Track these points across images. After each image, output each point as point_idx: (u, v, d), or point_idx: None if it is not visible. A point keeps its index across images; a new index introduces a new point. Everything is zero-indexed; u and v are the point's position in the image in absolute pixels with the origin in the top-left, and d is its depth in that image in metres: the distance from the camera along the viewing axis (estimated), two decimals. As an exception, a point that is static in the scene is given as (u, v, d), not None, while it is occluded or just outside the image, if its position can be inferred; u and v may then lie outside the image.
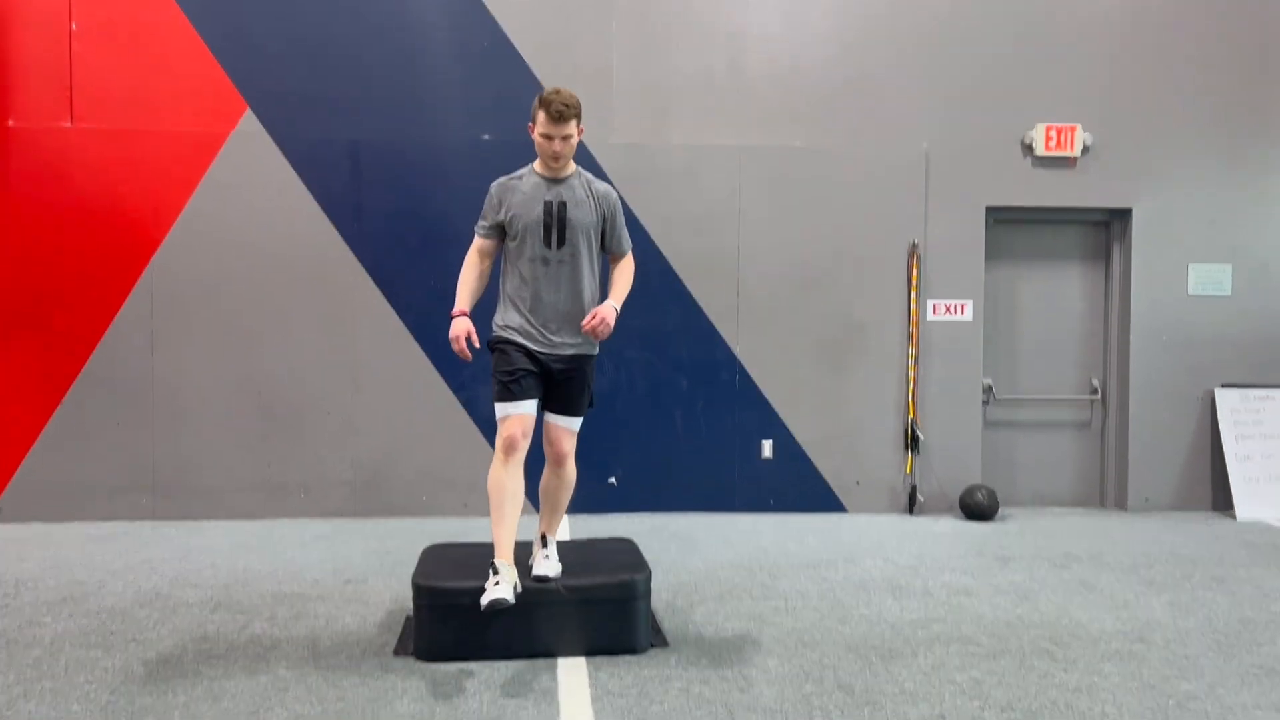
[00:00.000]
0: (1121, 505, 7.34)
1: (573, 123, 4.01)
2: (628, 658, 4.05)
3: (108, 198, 6.60)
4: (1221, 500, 7.29)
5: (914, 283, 7.10)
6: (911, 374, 7.10)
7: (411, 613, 4.21)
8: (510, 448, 3.99)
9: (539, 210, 4.08)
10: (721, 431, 7.05)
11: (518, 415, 4.03)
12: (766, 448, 7.07)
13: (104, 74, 6.59)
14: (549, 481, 4.30)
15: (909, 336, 7.11)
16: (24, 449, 6.61)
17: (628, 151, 6.93)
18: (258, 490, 6.76)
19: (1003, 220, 7.33)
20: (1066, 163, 7.20)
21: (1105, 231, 7.52)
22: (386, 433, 6.84)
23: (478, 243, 4.28)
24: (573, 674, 3.87)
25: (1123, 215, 7.36)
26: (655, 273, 6.94)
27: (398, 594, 4.94)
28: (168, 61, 6.63)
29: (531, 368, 4.09)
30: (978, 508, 6.89)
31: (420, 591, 4.02)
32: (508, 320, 4.17)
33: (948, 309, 7.15)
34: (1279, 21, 7.29)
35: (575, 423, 4.23)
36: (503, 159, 6.76)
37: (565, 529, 6.47)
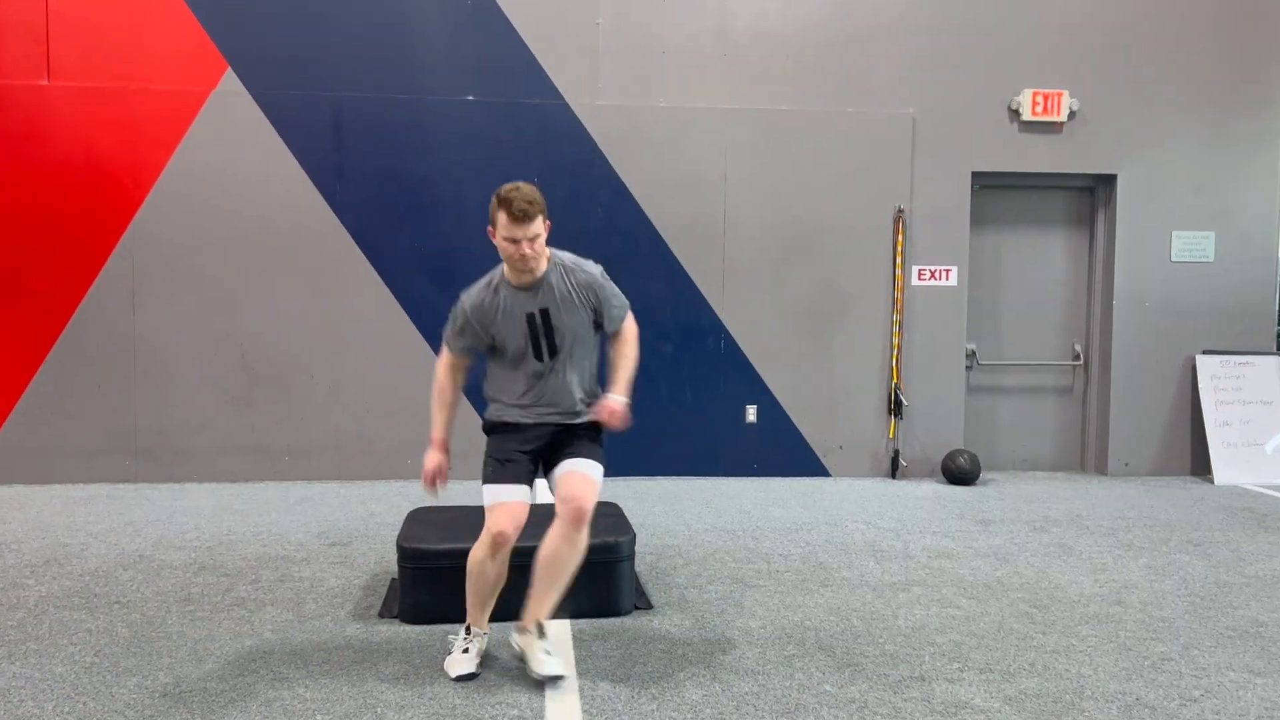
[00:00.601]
0: (1102, 470, 7.41)
1: (539, 219, 3.45)
2: (612, 620, 4.08)
3: (86, 157, 6.51)
4: (1200, 465, 7.37)
5: (899, 248, 7.10)
6: (896, 339, 7.12)
7: (396, 575, 4.22)
8: (500, 543, 3.45)
9: (522, 327, 3.56)
10: (706, 397, 7.07)
11: (510, 503, 3.51)
12: (751, 413, 7.09)
13: (82, 31, 6.48)
14: (555, 550, 3.50)
15: (894, 302, 7.12)
16: (5, 411, 6.57)
17: (614, 113, 6.87)
18: (242, 453, 6.75)
19: (988, 186, 7.33)
20: (1053, 128, 7.19)
21: (1090, 197, 7.53)
22: (371, 396, 6.83)
23: (449, 359, 3.73)
24: (557, 636, 3.88)
25: (1108, 181, 7.36)
26: (641, 238, 6.92)
27: (382, 556, 4.95)
28: (147, 19, 6.52)
29: (525, 448, 3.61)
30: (960, 472, 6.95)
31: (405, 554, 4.03)
32: (501, 415, 3.68)
33: (933, 274, 7.16)
34: (1267, -13, 7.27)
35: (596, 471, 3.63)
36: (484, 121, 6.75)
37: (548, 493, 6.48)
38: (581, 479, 3.57)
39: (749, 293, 7.04)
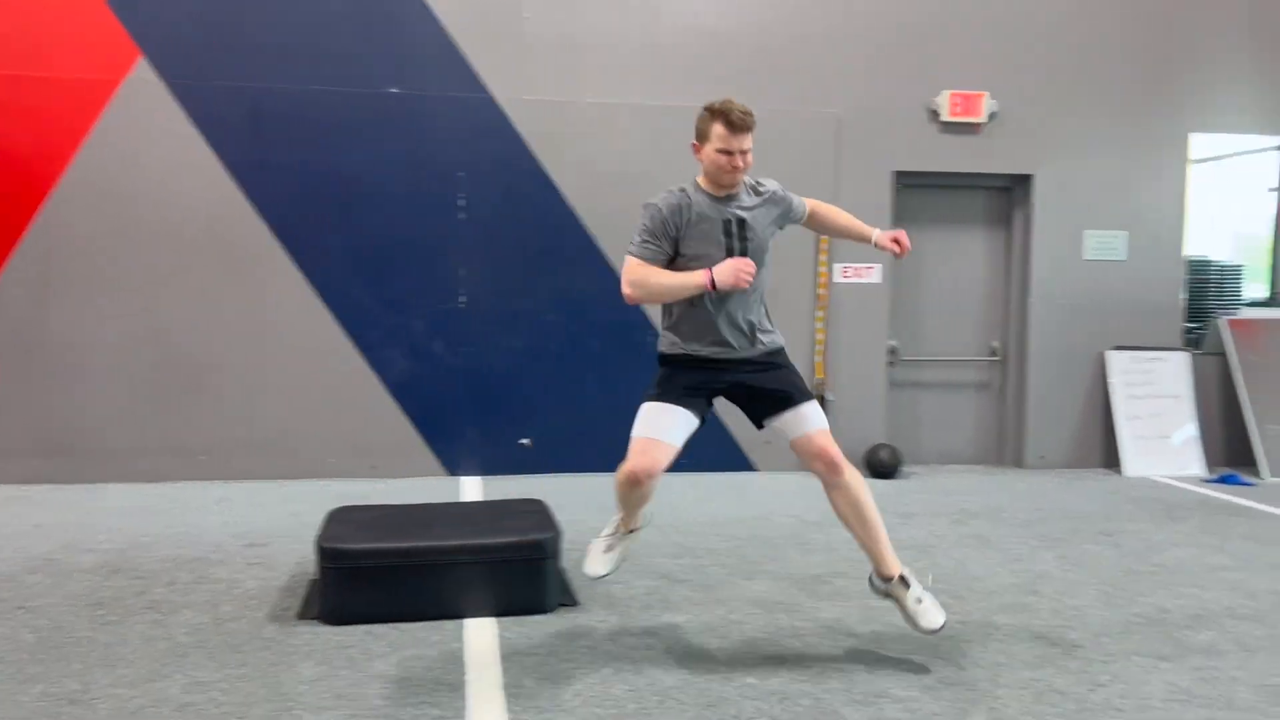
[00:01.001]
0: (1019, 463, 7.61)
1: (751, 135, 3.52)
2: (537, 617, 4.06)
3: (-10, 147, 6.27)
4: (1112, 457, 7.60)
5: (823, 246, 7.19)
6: (819, 335, 7.21)
7: (316, 576, 4.15)
8: (634, 483, 3.58)
9: (718, 231, 3.57)
10: (635, 392, 6.97)
11: (650, 446, 3.56)
12: (678, 408, 7.10)
13: (-16, 15, 6.23)
14: (841, 503, 3.64)
15: (817, 299, 7.21)
16: (-97, 411, 6.30)
17: (541, 108, 6.83)
18: (158, 452, 6.56)
19: (910, 185, 7.46)
20: (972, 129, 7.34)
21: (1008, 197, 7.71)
22: (293, 394, 6.69)
23: (635, 263, 3.60)
24: (481, 635, 3.87)
25: (1024, 182, 7.55)
26: (569, 233, 6.89)
27: (302, 557, 4.86)
28: (53, 3, 6.29)
29: (698, 381, 3.62)
30: (881, 466, 7.06)
31: (324, 554, 3.97)
32: (682, 346, 3.68)
33: (856, 272, 7.27)
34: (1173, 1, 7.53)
35: (814, 416, 3.60)
36: (409, 114, 6.67)
37: (476, 490, 6.44)
38: (813, 432, 3.57)
39: (676, 289, 7.05)
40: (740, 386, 3.71)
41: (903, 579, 3.61)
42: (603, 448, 7.02)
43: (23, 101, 6.28)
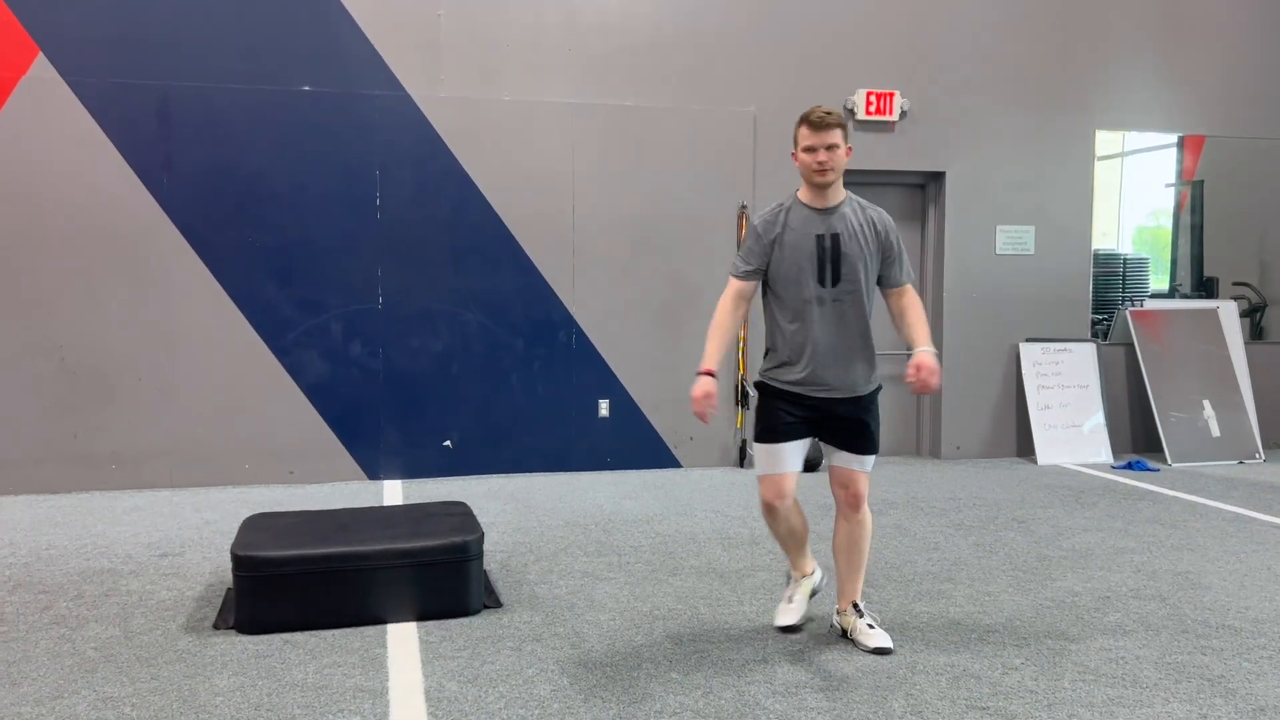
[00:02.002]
0: (936, 454, 7.78)
1: (837, 131, 3.53)
2: (460, 620, 4.02)
3: (-123, 146, 5.99)
4: (1025, 447, 7.82)
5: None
6: (741, 333, 7.28)
7: (231, 585, 4.05)
8: (770, 512, 3.79)
9: (810, 245, 3.61)
10: (559, 392, 7.06)
11: (778, 475, 3.72)
12: (604, 407, 7.12)
13: None
14: (844, 534, 3.81)
15: (739, 295, 7.26)
16: None
17: (458, 106, 6.77)
18: (63, 461, 6.34)
19: (827, 182, 7.56)
20: (886, 127, 7.48)
21: (921, 194, 7.88)
22: (205, 399, 6.53)
23: (734, 286, 3.70)
24: (403, 639, 3.82)
25: (937, 178, 7.72)
26: (489, 232, 6.85)
27: (217, 566, 4.75)
28: (-56, -3, 6.04)
29: (796, 414, 3.71)
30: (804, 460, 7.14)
31: (240, 562, 3.87)
32: (778, 375, 3.74)
33: (775, 268, 7.34)
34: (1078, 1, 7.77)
35: (867, 462, 3.76)
36: (322, 112, 6.55)
37: (398, 494, 6.36)
38: (854, 472, 3.76)
39: (599, 286, 7.06)
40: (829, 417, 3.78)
41: (856, 606, 3.83)
42: (526, 448, 7.03)
43: (-88, 99, 6.02)
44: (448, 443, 6.90)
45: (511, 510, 5.94)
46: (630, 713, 3.20)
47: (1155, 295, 8.49)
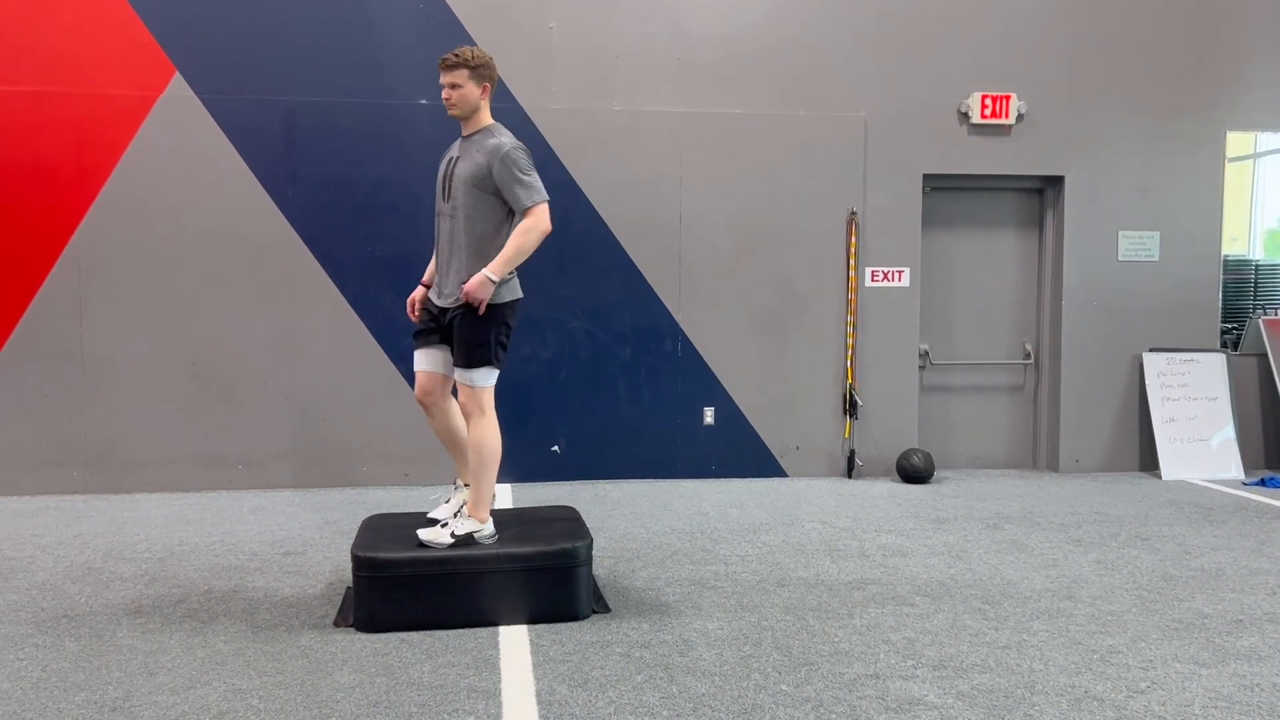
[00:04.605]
0: (1053, 466, 7.53)
1: (456, 72, 4.20)
2: (569, 624, 4.07)
3: (30, 162, 6.38)
4: (1148, 460, 7.51)
5: (853, 250, 7.17)
6: (850, 340, 7.19)
7: (351, 584, 4.19)
8: (421, 405, 4.40)
9: (442, 166, 4.31)
10: (664, 399, 7.08)
11: (416, 372, 4.33)
12: (709, 414, 7.12)
13: (26, 34, 6.35)
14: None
15: (847, 303, 7.19)
16: (-53, 423, 6.42)
17: (568, 117, 6.87)
18: (193, 462, 6.65)
19: (939, 188, 7.42)
20: (1002, 131, 7.29)
21: (1039, 199, 7.65)
22: (326, 403, 6.76)
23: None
24: (514, 642, 3.89)
25: (1056, 183, 7.49)
26: (596, 240, 6.92)
27: (337, 565, 4.91)
28: (91, 22, 6.41)
29: (424, 326, 4.32)
30: (914, 470, 7.02)
31: (359, 562, 4.00)
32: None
33: (885, 276, 7.24)
34: (1207, -8, 7.44)
35: (466, 376, 4.14)
36: (440, 125, 6.71)
37: (507, 497, 6.47)
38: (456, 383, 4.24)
39: (705, 295, 7.07)
40: None
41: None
42: (632, 454, 7.07)
43: (63, 118, 6.40)
44: (556, 448, 6.99)
45: (618, 516, 5.99)
46: (740, 723, 3.19)
47: (1292, 303, 8.08)
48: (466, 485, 4.40)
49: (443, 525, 4.17)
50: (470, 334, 4.10)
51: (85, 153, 6.44)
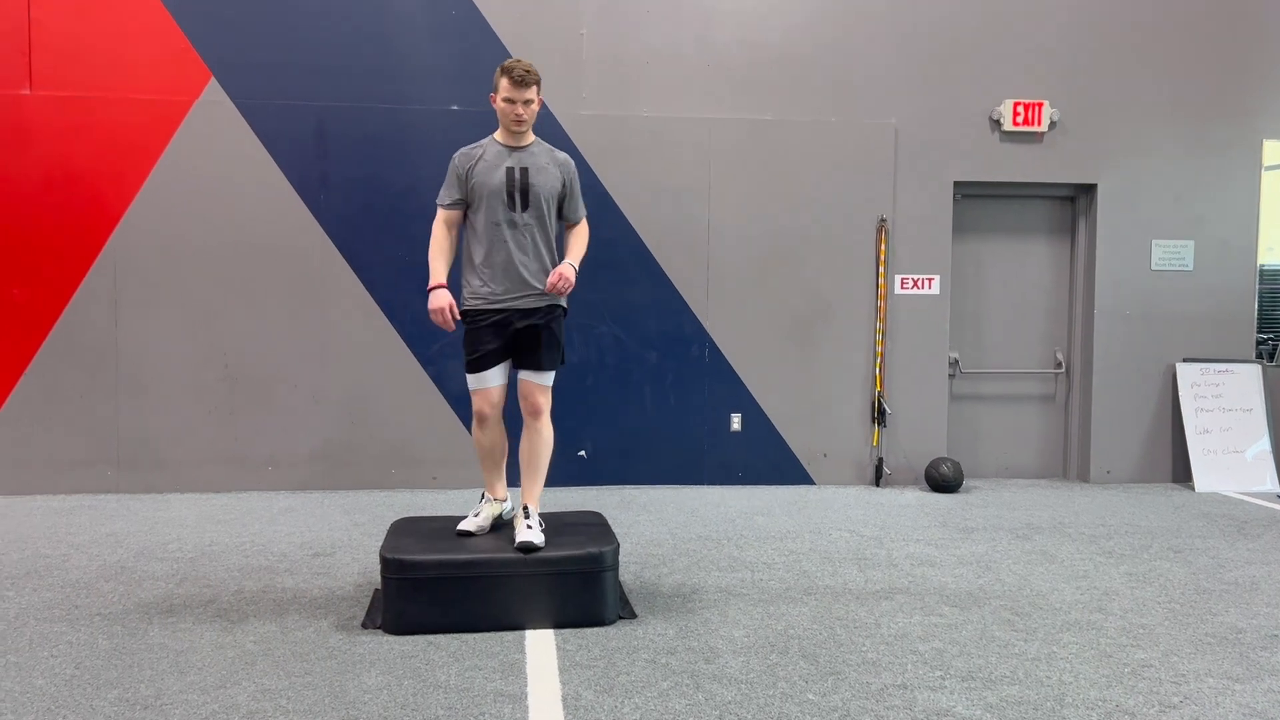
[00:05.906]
0: (1084, 477, 7.46)
1: (534, 88, 4.19)
2: (596, 630, 4.08)
3: (68, 166, 6.49)
4: (1181, 472, 7.42)
5: (882, 257, 7.14)
6: (879, 348, 7.15)
7: (379, 586, 4.22)
8: (481, 420, 4.38)
9: (500, 176, 4.22)
10: (691, 405, 7.08)
11: (483, 390, 4.33)
12: (735, 421, 7.11)
13: (64, 39, 6.46)
14: (525, 442, 4.41)
15: (877, 310, 7.16)
16: (-15, 422, 6.53)
17: (597, 123, 6.89)
18: (224, 463, 6.72)
19: (970, 195, 7.38)
20: (1033, 138, 7.24)
21: (1071, 206, 7.59)
22: (355, 406, 6.81)
23: (443, 215, 4.38)
24: (541, 646, 3.90)
25: (1088, 190, 7.42)
26: (625, 246, 6.93)
27: (366, 567, 4.94)
28: (129, 28, 6.51)
29: (493, 344, 4.29)
30: (943, 480, 6.98)
31: (388, 565, 4.03)
32: (474, 289, 4.34)
33: (915, 283, 7.20)
34: (1245, 1, 7.36)
35: (546, 378, 4.34)
36: (471, 129, 6.74)
37: (534, 502, 6.48)
38: (534, 386, 4.36)
39: (733, 301, 7.06)
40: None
41: (526, 509, 4.32)
42: (659, 460, 7.07)
43: (100, 122, 6.50)
44: (582, 453, 7.00)
45: (644, 522, 5.99)
46: (766, 731, 3.18)
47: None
48: (497, 499, 4.51)
49: (528, 526, 4.22)
50: (557, 337, 4.36)
51: (122, 156, 6.54)
